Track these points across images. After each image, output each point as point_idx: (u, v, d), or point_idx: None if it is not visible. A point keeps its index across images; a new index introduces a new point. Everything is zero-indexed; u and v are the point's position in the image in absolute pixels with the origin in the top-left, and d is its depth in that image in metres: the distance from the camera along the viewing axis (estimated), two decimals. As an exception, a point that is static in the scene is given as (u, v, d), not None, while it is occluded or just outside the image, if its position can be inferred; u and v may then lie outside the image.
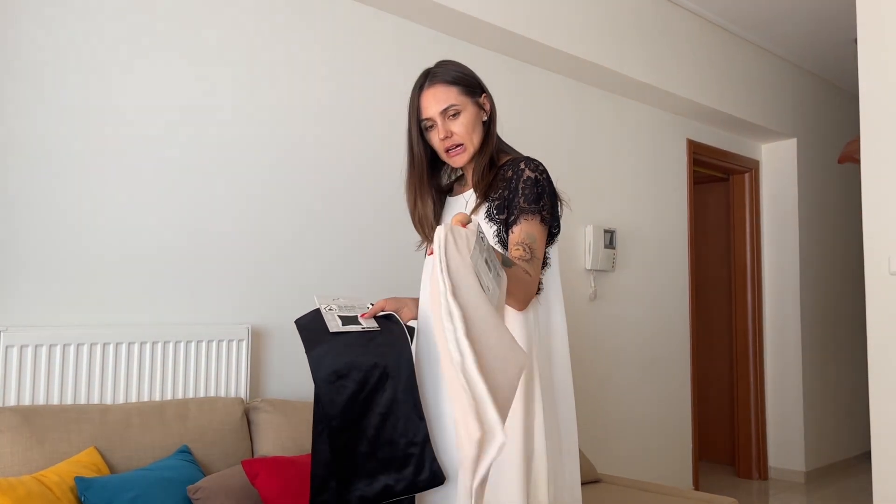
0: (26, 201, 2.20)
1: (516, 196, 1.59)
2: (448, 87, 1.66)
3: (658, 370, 4.47)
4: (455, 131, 1.66)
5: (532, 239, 1.55)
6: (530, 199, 1.58)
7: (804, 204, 5.40)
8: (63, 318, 2.24)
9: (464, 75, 1.69)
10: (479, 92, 1.70)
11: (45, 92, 2.25)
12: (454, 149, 1.67)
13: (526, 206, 1.57)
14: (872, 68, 3.37)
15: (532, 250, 1.54)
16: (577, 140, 4.03)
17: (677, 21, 4.38)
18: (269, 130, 2.76)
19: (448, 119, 1.65)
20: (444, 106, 1.65)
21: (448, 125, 1.66)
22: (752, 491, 4.97)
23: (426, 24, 3.27)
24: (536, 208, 1.57)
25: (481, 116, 1.69)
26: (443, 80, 1.67)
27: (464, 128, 1.65)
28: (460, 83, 1.67)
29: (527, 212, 1.57)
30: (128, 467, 2.07)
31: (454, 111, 1.65)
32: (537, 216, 1.57)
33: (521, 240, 1.55)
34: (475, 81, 1.70)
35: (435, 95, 1.66)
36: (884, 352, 3.25)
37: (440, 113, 1.66)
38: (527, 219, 1.57)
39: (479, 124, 1.68)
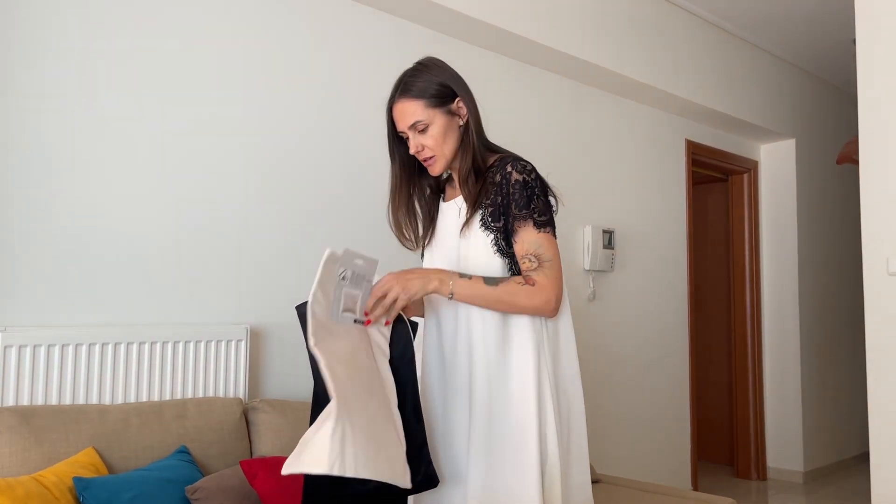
0: (25, 201, 2.19)
1: (508, 202, 1.57)
2: (414, 101, 1.64)
3: (657, 370, 4.47)
4: (425, 144, 1.63)
5: (535, 245, 1.54)
6: (521, 204, 1.56)
7: (803, 204, 5.40)
8: (62, 319, 2.24)
9: (432, 85, 1.65)
10: (450, 99, 1.66)
11: (45, 93, 2.24)
12: (427, 161, 1.66)
13: (518, 212, 1.55)
14: (871, 69, 3.37)
15: (538, 256, 1.54)
16: (577, 140, 4.04)
17: (676, 21, 4.39)
18: (268, 130, 2.76)
19: (418, 133, 1.63)
20: (410, 121, 1.63)
21: (418, 139, 1.63)
22: (750, 491, 4.97)
23: (425, 24, 3.27)
24: (528, 213, 1.55)
25: (455, 123, 1.66)
26: (408, 94, 1.65)
27: (433, 140, 1.63)
28: (426, 95, 1.64)
29: (520, 218, 1.55)
30: (126, 467, 2.07)
31: (422, 126, 1.63)
32: (530, 221, 1.55)
33: (525, 251, 1.54)
34: (446, 89, 1.66)
35: (402, 110, 1.65)
36: (882, 352, 3.26)
37: (409, 128, 1.64)
38: (523, 226, 1.55)
39: (452, 132, 1.65)
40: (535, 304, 1.52)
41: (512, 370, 1.55)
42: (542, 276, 1.52)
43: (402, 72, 1.72)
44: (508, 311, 1.53)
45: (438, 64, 1.73)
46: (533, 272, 1.53)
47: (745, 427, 5.30)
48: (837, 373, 5.69)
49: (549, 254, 1.55)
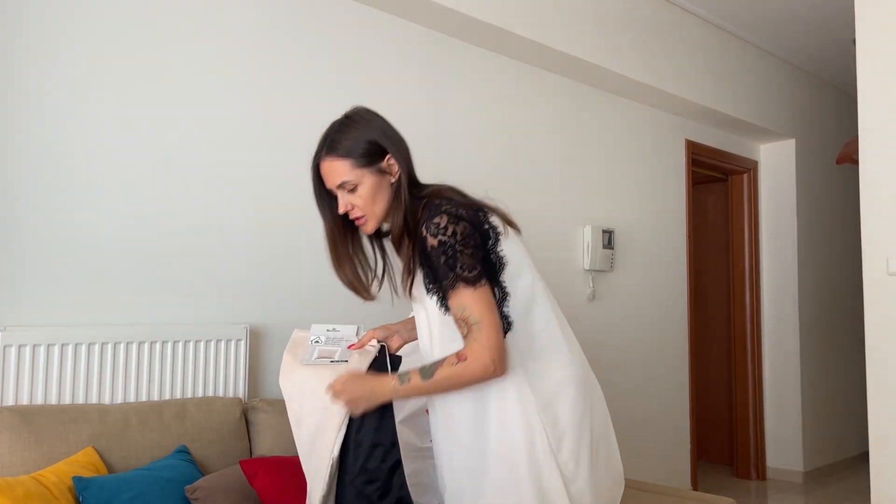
0: (25, 202, 2.19)
1: (433, 268, 1.51)
2: (341, 160, 1.57)
3: (656, 370, 4.47)
4: (355, 204, 1.58)
5: (461, 309, 1.47)
6: (443, 271, 1.48)
7: (803, 204, 5.40)
8: (61, 318, 2.24)
9: (360, 143, 1.58)
10: (380, 157, 1.58)
11: (46, 94, 2.24)
12: (358, 220, 1.62)
13: (444, 280, 1.49)
14: (871, 69, 3.37)
15: (466, 321, 1.47)
16: (576, 140, 4.04)
17: (676, 21, 4.39)
18: (268, 130, 2.76)
19: (346, 192, 1.58)
20: (338, 181, 1.58)
21: (347, 198, 1.58)
22: (750, 491, 4.97)
23: (424, 23, 3.27)
24: (452, 278, 1.47)
25: (386, 181, 1.59)
26: (335, 152, 1.58)
27: (362, 200, 1.58)
28: (354, 154, 1.57)
29: (447, 286, 1.49)
30: (126, 467, 2.07)
31: (350, 186, 1.57)
32: (455, 284, 1.48)
33: (457, 316, 1.49)
34: (374, 146, 1.58)
35: (329, 169, 1.59)
36: (882, 352, 3.26)
37: (337, 187, 1.59)
38: (450, 292, 1.48)
39: (383, 191, 1.59)
40: (476, 375, 1.46)
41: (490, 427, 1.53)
42: (472, 342, 1.46)
43: (329, 124, 1.64)
44: (455, 390, 1.51)
45: (367, 118, 1.64)
46: (466, 339, 1.47)
47: (744, 427, 5.31)
48: (837, 372, 5.69)
49: (477, 314, 1.46)
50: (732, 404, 5.42)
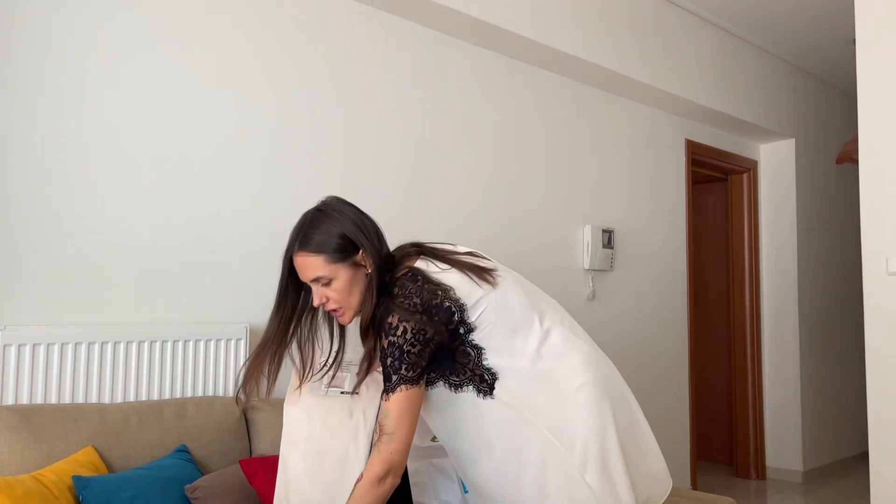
0: (24, 201, 2.19)
1: (384, 368, 1.54)
2: (314, 256, 1.57)
3: (656, 370, 4.48)
4: (330, 297, 1.59)
5: (384, 415, 1.53)
6: (388, 372, 1.52)
7: (802, 204, 5.40)
8: (61, 317, 2.24)
9: (332, 238, 1.57)
10: (353, 251, 1.58)
11: (44, 93, 2.24)
12: (334, 311, 1.63)
13: (387, 380, 1.53)
14: (870, 68, 3.37)
15: (381, 428, 1.53)
16: (576, 140, 4.04)
17: (676, 21, 4.39)
18: (266, 129, 2.76)
19: (321, 286, 1.59)
20: (312, 276, 1.59)
21: (322, 291, 1.59)
22: (749, 491, 4.97)
23: (425, 23, 3.27)
24: (397, 378, 1.51)
25: (361, 273, 1.60)
26: (308, 247, 1.57)
27: (338, 294, 1.59)
28: (327, 250, 1.57)
29: (390, 389, 1.53)
30: (125, 466, 2.07)
31: (324, 281, 1.58)
32: (400, 385, 1.51)
33: (379, 419, 1.55)
34: (347, 242, 1.58)
35: (303, 263, 1.59)
36: (881, 352, 3.26)
37: (311, 281, 1.60)
38: (388, 396, 1.53)
39: (358, 283, 1.60)
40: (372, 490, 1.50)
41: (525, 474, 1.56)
42: (375, 452, 1.52)
43: (302, 215, 1.64)
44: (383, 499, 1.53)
45: (339, 209, 1.63)
46: (375, 446, 1.53)
47: (744, 426, 5.31)
48: (837, 372, 5.69)
49: (393, 423, 1.51)
50: (732, 404, 5.42)
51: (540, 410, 1.55)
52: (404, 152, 3.19)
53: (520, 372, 1.57)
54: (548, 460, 1.53)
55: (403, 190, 3.17)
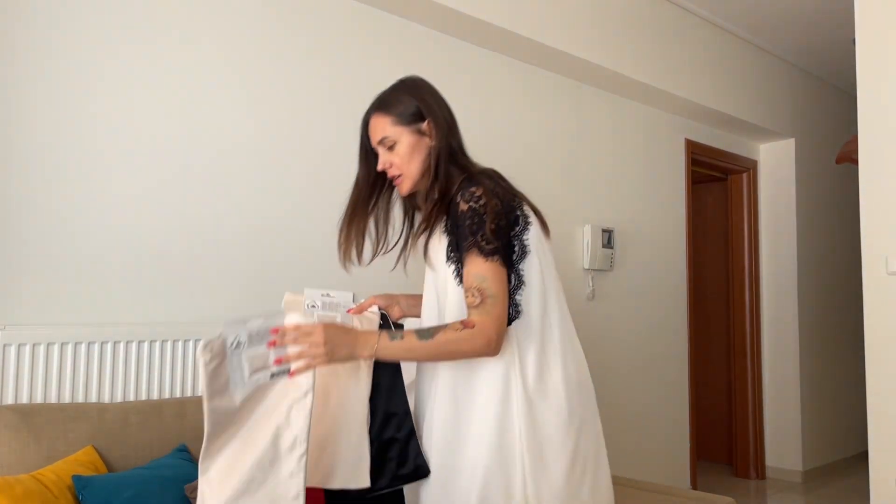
0: (25, 200, 2.19)
1: (458, 234, 1.52)
2: (383, 116, 1.64)
3: (656, 369, 4.48)
4: (392, 162, 1.63)
5: (480, 279, 1.47)
6: (466, 234, 1.49)
7: (802, 204, 5.41)
8: (61, 317, 2.24)
9: (403, 103, 1.64)
10: (420, 119, 1.63)
11: (45, 94, 2.24)
12: (395, 179, 1.65)
13: (465, 243, 1.49)
14: (870, 68, 3.37)
15: (481, 291, 1.46)
16: (576, 140, 4.04)
17: (675, 21, 4.39)
18: (268, 130, 2.76)
19: (386, 150, 1.64)
20: (379, 137, 1.64)
21: (386, 156, 1.64)
22: (749, 490, 4.98)
23: (425, 23, 3.27)
24: (473, 242, 1.48)
25: (424, 143, 1.63)
26: (380, 109, 1.65)
27: (399, 158, 1.63)
28: (396, 112, 1.63)
29: (466, 249, 1.49)
30: (125, 466, 2.07)
31: (389, 143, 1.63)
32: (475, 250, 1.48)
33: (469, 284, 1.48)
34: (417, 108, 1.63)
35: (373, 125, 1.66)
36: (881, 351, 3.26)
37: (378, 143, 1.65)
38: (469, 257, 1.49)
39: (420, 152, 1.63)
40: (476, 348, 1.44)
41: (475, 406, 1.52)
42: (483, 314, 1.45)
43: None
44: (450, 359, 1.49)
45: (418, 83, 1.70)
46: (474, 310, 1.46)
47: (744, 426, 5.31)
48: (836, 372, 5.69)
49: (494, 288, 1.46)
50: (732, 403, 5.42)
51: (525, 374, 1.52)
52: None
53: (529, 327, 1.54)
54: (500, 423, 1.49)
55: (403, 190, 3.17)
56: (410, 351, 1.47)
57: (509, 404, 1.50)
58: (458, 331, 1.44)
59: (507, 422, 1.49)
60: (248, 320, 1.43)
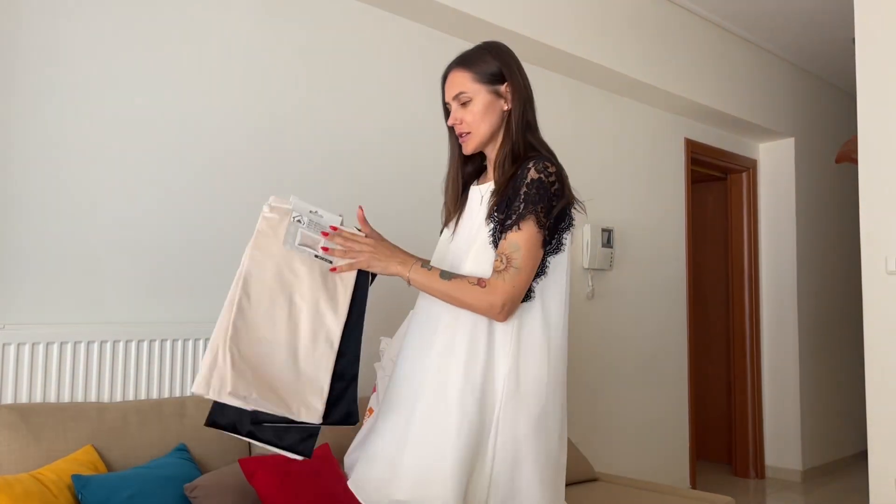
0: (25, 199, 2.19)
1: (516, 198, 1.53)
2: (464, 72, 1.65)
3: (655, 369, 4.48)
4: (463, 118, 1.64)
5: (513, 248, 1.50)
6: (527, 202, 1.52)
7: (802, 203, 5.41)
8: (60, 316, 2.24)
9: (486, 64, 1.64)
10: (499, 81, 1.64)
11: (45, 92, 2.24)
12: (462, 135, 1.66)
13: (521, 209, 1.51)
14: (870, 68, 3.37)
15: (509, 259, 1.50)
16: (576, 139, 4.04)
17: (675, 20, 4.39)
18: (267, 128, 2.76)
19: (460, 105, 1.64)
20: (455, 92, 1.65)
21: (458, 112, 1.64)
22: (749, 490, 4.98)
23: (424, 21, 3.27)
24: (529, 211, 1.51)
25: (499, 106, 1.64)
26: (461, 65, 1.66)
27: (472, 115, 1.63)
28: (477, 70, 1.64)
29: (521, 218, 1.51)
30: (125, 465, 2.07)
31: (465, 98, 1.63)
32: (530, 220, 1.51)
33: (501, 249, 1.51)
34: (497, 71, 1.64)
35: (451, 80, 1.67)
36: (880, 351, 3.26)
37: (453, 98, 1.65)
38: (518, 227, 1.51)
39: (493, 114, 1.63)
40: (482, 305, 1.49)
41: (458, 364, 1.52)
42: (499, 279, 1.49)
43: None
44: (457, 305, 1.52)
45: (503, 48, 1.70)
46: (495, 273, 1.50)
47: (743, 425, 5.31)
48: (836, 371, 5.69)
49: (522, 261, 1.50)
50: (731, 403, 5.42)
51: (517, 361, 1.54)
52: (407, 150, 3.18)
53: (534, 316, 1.56)
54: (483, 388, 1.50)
55: (408, 189, 3.17)
56: (430, 284, 1.52)
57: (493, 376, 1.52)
58: (472, 284, 1.50)
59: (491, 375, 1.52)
60: (312, 209, 1.56)
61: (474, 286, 1.50)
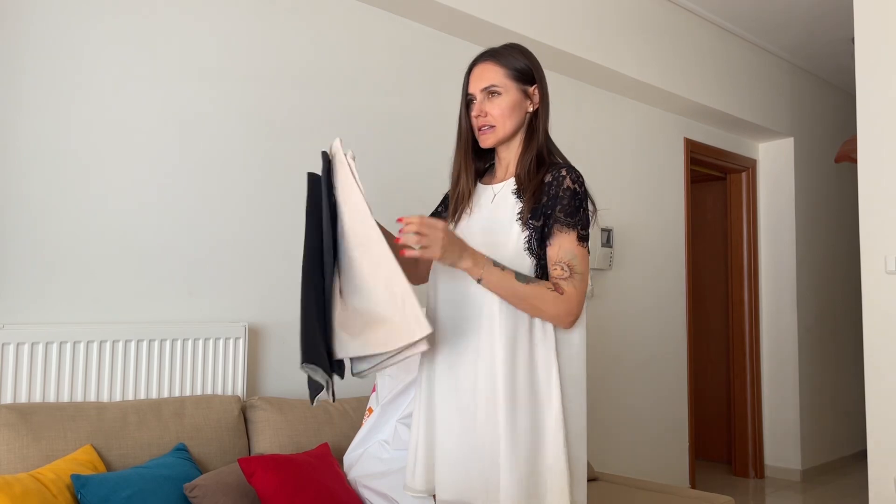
0: (24, 199, 2.19)
1: (555, 206, 1.56)
2: (496, 66, 1.64)
3: (655, 368, 4.48)
4: (489, 111, 1.63)
5: (571, 256, 1.54)
6: (569, 211, 1.55)
7: (801, 203, 5.41)
8: (60, 316, 2.24)
9: (518, 62, 1.66)
10: (529, 81, 1.66)
11: (42, 91, 2.24)
12: (484, 128, 1.65)
13: (564, 218, 1.55)
14: (869, 67, 3.37)
15: (571, 267, 1.53)
16: (575, 139, 4.03)
17: (675, 20, 4.39)
18: (266, 128, 2.76)
19: (487, 98, 1.64)
20: (485, 84, 1.63)
21: (484, 104, 1.64)
22: (748, 489, 4.98)
23: (423, 21, 3.27)
24: (573, 222, 1.55)
25: (525, 106, 1.66)
26: (494, 59, 1.65)
27: (499, 110, 1.63)
28: (510, 66, 1.64)
29: (564, 225, 1.55)
30: (124, 465, 2.07)
31: (495, 91, 1.63)
32: (574, 231, 1.55)
33: (560, 258, 1.54)
34: (528, 70, 1.66)
35: (481, 72, 1.65)
36: (879, 350, 3.26)
37: (481, 90, 1.64)
38: (564, 233, 1.55)
39: (519, 112, 1.65)
40: (559, 312, 1.51)
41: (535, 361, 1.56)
42: (572, 287, 1.52)
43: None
44: (528, 311, 1.52)
45: (529, 52, 1.72)
46: (563, 281, 1.52)
47: (742, 425, 5.31)
48: (835, 371, 5.70)
49: (582, 268, 1.55)
50: (731, 402, 5.42)
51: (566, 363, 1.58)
52: (406, 149, 3.18)
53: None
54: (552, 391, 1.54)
55: (406, 187, 3.17)
56: (508, 284, 1.50)
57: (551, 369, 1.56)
58: (549, 289, 1.51)
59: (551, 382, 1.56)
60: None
61: (552, 292, 1.51)
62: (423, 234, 1.46)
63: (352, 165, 1.57)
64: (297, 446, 2.37)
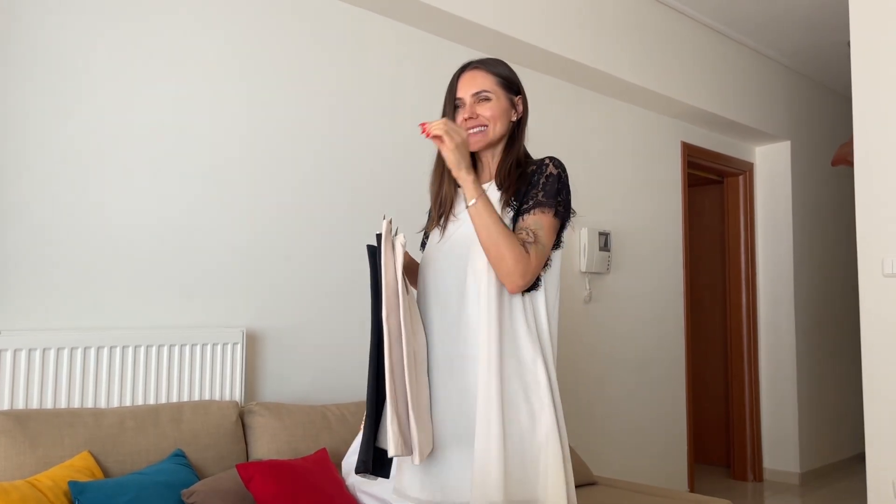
0: (21, 204, 2.19)
1: (535, 188, 1.62)
2: (487, 73, 1.70)
3: (653, 372, 4.48)
4: (481, 113, 1.68)
5: (539, 226, 1.58)
6: (549, 193, 1.61)
7: (798, 206, 5.42)
8: (57, 322, 2.24)
9: (505, 71, 1.74)
10: (515, 92, 1.75)
11: (41, 97, 2.24)
12: (475, 130, 1.68)
13: (543, 199, 1.60)
14: (865, 71, 3.38)
15: (536, 236, 1.57)
16: (572, 143, 4.04)
17: (672, 24, 4.40)
18: (264, 133, 2.76)
19: (477, 102, 1.69)
20: (477, 89, 1.69)
21: (475, 107, 1.68)
22: (746, 493, 4.98)
23: (421, 26, 3.27)
24: (552, 202, 1.60)
25: (511, 114, 1.74)
26: (485, 67, 1.72)
27: (490, 112, 1.68)
28: (499, 75, 1.72)
29: (542, 204, 1.60)
30: (122, 471, 2.06)
31: (485, 96, 1.69)
32: (551, 210, 1.60)
33: (527, 224, 1.58)
34: (515, 81, 1.75)
35: (472, 78, 1.70)
36: (877, 354, 3.26)
37: (472, 95, 1.69)
38: (541, 211, 1.59)
39: (506, 119, 1.72)
40: (517, 269, 1.53)
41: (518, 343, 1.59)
42: (534, 251, 1.56)
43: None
44: (492, 255, 1.54)
45: (511, 68, 1.81)
46: (527, 245, 1.56)
47: (741, 429, 5.31)
48: (833, 374, 5.70)
49: (546, 241, 1.59)
50: (729, 406, 5.42)
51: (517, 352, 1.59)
52: (404, 153, 3.18)
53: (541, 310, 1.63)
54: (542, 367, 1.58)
55: (404, 194, 3.17)
56: (491, 216, 1.54)
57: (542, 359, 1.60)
58: (519, 245, 1.55)
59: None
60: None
61: (520, 247, 1.54)
62: (449, 128, 1.53)
63: (397, 250, 1.59)
64: (295, 452, 2.37)
